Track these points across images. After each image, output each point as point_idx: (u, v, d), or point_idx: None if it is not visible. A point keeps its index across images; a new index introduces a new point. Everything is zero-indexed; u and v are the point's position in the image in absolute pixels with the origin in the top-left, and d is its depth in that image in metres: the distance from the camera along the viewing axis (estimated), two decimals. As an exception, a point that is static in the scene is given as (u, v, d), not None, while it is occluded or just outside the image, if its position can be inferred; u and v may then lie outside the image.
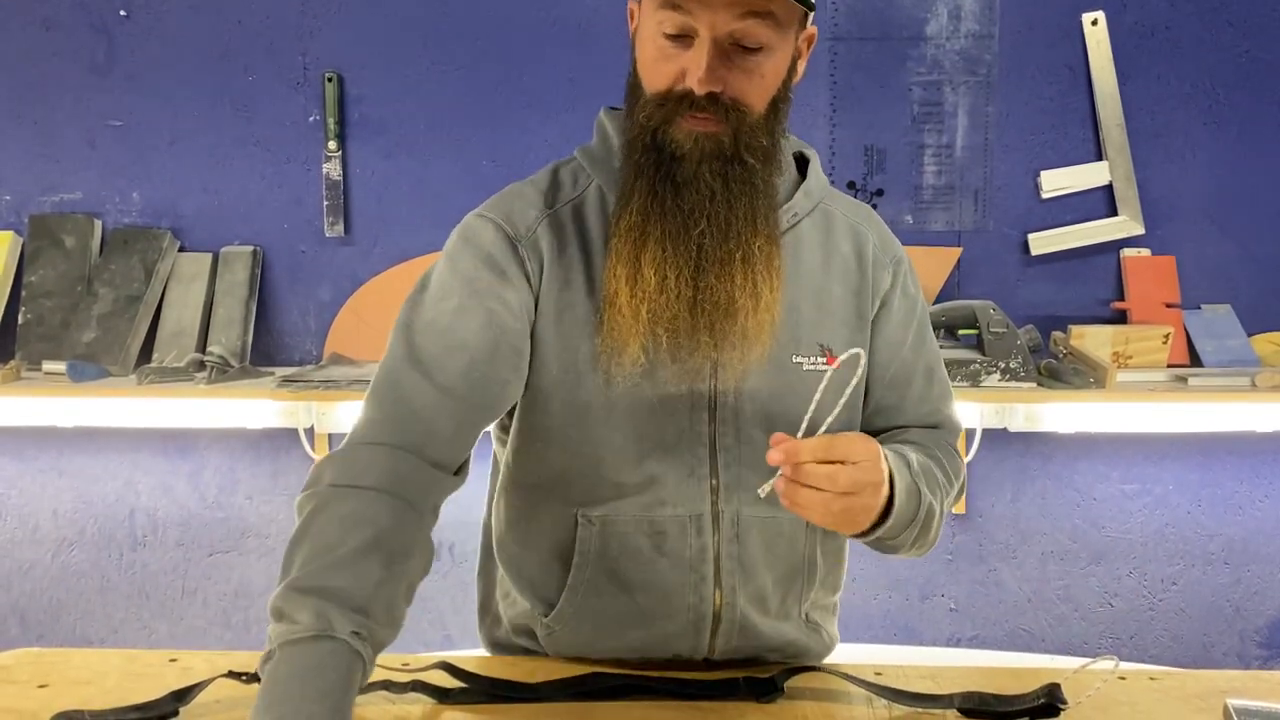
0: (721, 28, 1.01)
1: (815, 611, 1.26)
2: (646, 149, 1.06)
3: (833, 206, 1.22)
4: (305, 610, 0.91)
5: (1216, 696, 1.09)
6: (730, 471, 1.14)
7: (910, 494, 1.07)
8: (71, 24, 2.53)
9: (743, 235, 1.06)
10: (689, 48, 1.02)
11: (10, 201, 2.59)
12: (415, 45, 2.50)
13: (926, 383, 1.26)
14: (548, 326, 1.12)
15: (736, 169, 1.06)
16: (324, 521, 0.98)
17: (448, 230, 1.19)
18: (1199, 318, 2.45)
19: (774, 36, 1.03)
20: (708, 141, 1.04)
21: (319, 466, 1.03)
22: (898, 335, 1.23)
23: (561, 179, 1.18)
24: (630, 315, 1.06)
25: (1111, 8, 2.43)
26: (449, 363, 1.07)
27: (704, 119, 1.04)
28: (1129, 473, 2.51)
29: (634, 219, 1.06)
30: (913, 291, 1.25)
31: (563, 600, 1.18)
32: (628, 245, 1.06)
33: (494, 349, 1.09)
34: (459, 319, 1.09)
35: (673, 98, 1.04)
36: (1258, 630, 2.54)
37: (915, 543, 1.13)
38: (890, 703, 1.07)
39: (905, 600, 2.56)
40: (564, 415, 1.14)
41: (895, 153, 2.49)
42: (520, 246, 1.12)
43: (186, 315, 2.50)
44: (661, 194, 1.05)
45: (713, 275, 1.06)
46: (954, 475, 1.21)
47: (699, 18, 1.00)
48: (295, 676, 0.88)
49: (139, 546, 2.62)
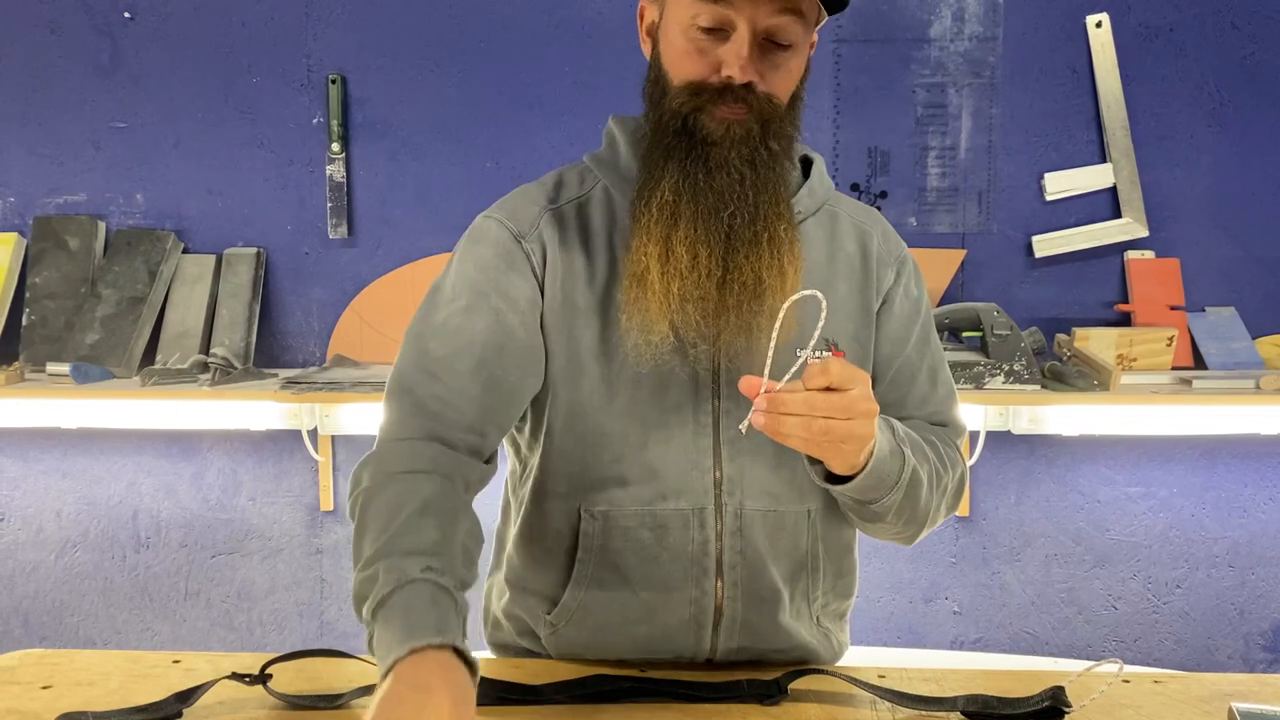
0: (761, 22, 1.04)
1: (827, 616, 1.26)
2: (678, 133, 1.08)
3: (838, 208, 1.24)
4: (380, 576, 0.94)
5: (1221, 700, 1.09)
6: (734, 464, 1.15)
7: (893, 453, 1.07)
8: (76, 26, 2.54)
9: (769, 218, 1.09)
10: (723, 41, 1.06)
11: (14, 203, 2.60)
12: (419, 47, 2.51)
13: (930, 383, 1.26)
14: (553, 317, 1.15)
15: (764, 155, 1.09)
16: (374, 510, 1.02)
17: (451, 232, 1.23)
18: (1203, 320, 2.45)
19: (801, 34, 1.08)
20: (738, 128, 1.07)
21: (357, 471, 1.08)
22: (900, 333, 1.23)
23: (567, 179, 1.21)
24: (661, 292, 1.07)
25: (1115, 10, 2.43)
26: (458, 363, 1.11)
27: (737, 109, 1.07)
28: (1133, 475, 2.50)
29: (666, 197, 1.08)
30: (916, 293, 1.25)
31: (566, 595, 1.19)
32: (660, 224, 1.08)
33: (501, 347, 1.12)
34: (467, 320, 1.12)
35: (709, 88, 1.07)
36: (1262, 634, 2.53)
37: (901, 514, 1.12)
38: (894, 705, 1.07)
39: (909, 603, 2.56)
40: (567, 405, 1.16)
41: (899, 155, 2.49)
42: (524, 241, 1.15)
43: (190, 317, 2.50)
44: (694, 174, 1.08)
45: (742, 255, 1.08)
46: (949, 463, 1.20)
47: (740, 10, 1.04)
48: (392, 622, 0.89)
49: (142, 548, 2.62)
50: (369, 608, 0.93)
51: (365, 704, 1.07)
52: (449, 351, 1.11)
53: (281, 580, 2.61)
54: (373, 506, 1.02)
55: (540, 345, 1.15)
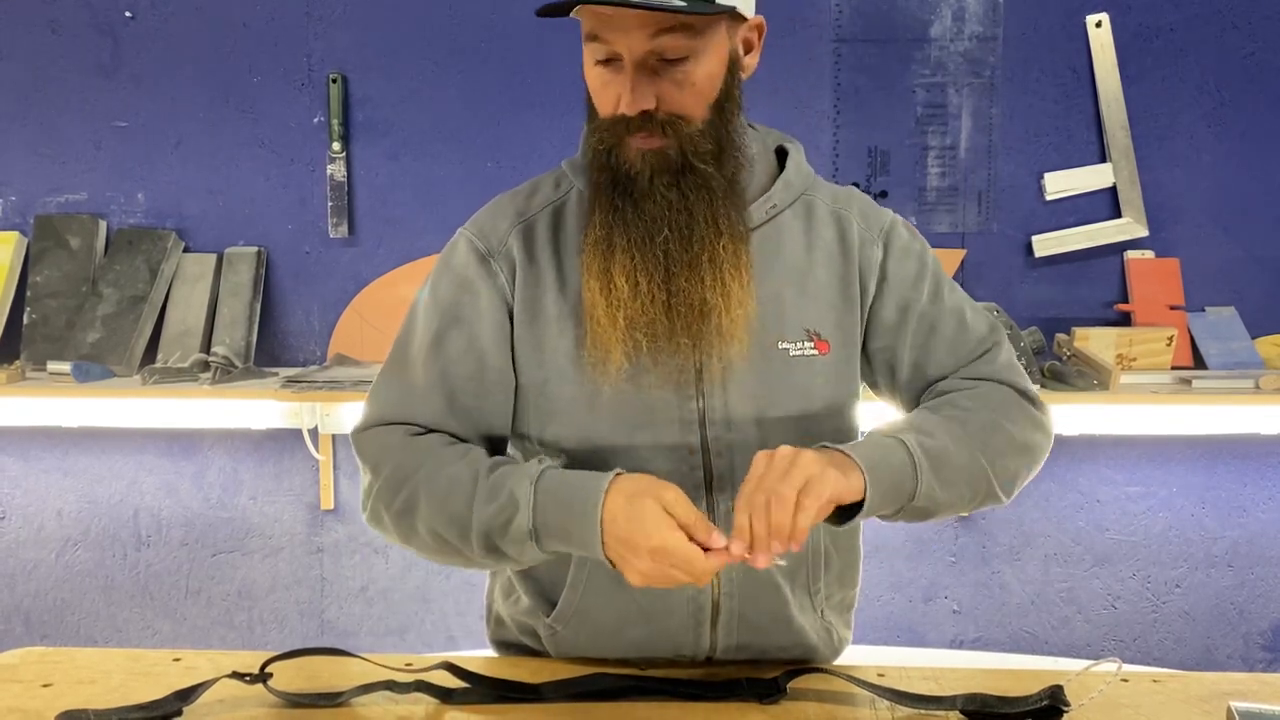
0: (639, 48, 1.04)
1: (831, 609, 1.26)
2: (603, 168, 1.11)
3: (815, 196, 1.22)
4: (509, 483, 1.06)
5: (1220, 699, 1.09)
6: (723, 459, 1.15)
7: (887, 447, 1.06)
8: (77, 26, 2.54)
9: (706, 238, 1.09)
10: (620, 71, 1.06)
11: (16, 202, 2.60)
12: (419, 47, 2.51)
13: (958, 325, 1.21)
14: (524, 329, 1.16)
15: (689, 177, 1.09)
16: (430, 468, 1.12)
17: (451, 231, 1.24)
18: (1203, 320, 2.45)
19: (697, 43, 1.06)
20: (654, 157, 1.08)
21: (374, 471, 1.15)
22: (907, 293, 1.20)
23: (543, 185, 1.23)
24: (609, 324, 1.09)
25: (1116, 10, 2.43)
26: (433, 398, 1.17)
27: (646, 137, 1.07)
28: (1133, 475, 2.51)
29: (599, 233, 1.10)
30: (917, 248, 1.22)
31: (563, 599, 1.19)
32: (597, 258, 1.10)
33: (471, 377, 1.17)
34: (437, 350, 1.17)
35: (619, 121, 1.08)
36: (1261, 633, 2.54)
37: (952, 488, 1.08)
38: (893, 704, 1.07)
39: (908, 602, 2.56)
40: (549, 413, 1.17)
41: (899, 155, 2.49)
42: (493, 260, 1.17)
43: (191, 316, 2.50)
44: (622, 207, 1.09)
45: (683, 279, 1.09)
46: (986, 403, 1.15)
47: (617, 42, 1.04)
48: (564, 492, 1.05)
49: (143, 546, 2.62)
50: (527, 512, 1.03)
51: (365, 702, 1.07)
52: (426, 384, 1.17)
53: (282, 579, 2.61)
54: (423, 470, 1.11)
55: (510, 367, 1.17)
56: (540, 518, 1.03)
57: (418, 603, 2.60)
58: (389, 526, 1.13)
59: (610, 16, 1.03)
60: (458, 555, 1.10)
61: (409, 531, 1.11)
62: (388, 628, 2.61)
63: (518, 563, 1.09)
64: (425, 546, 1.12)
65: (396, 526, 1.12)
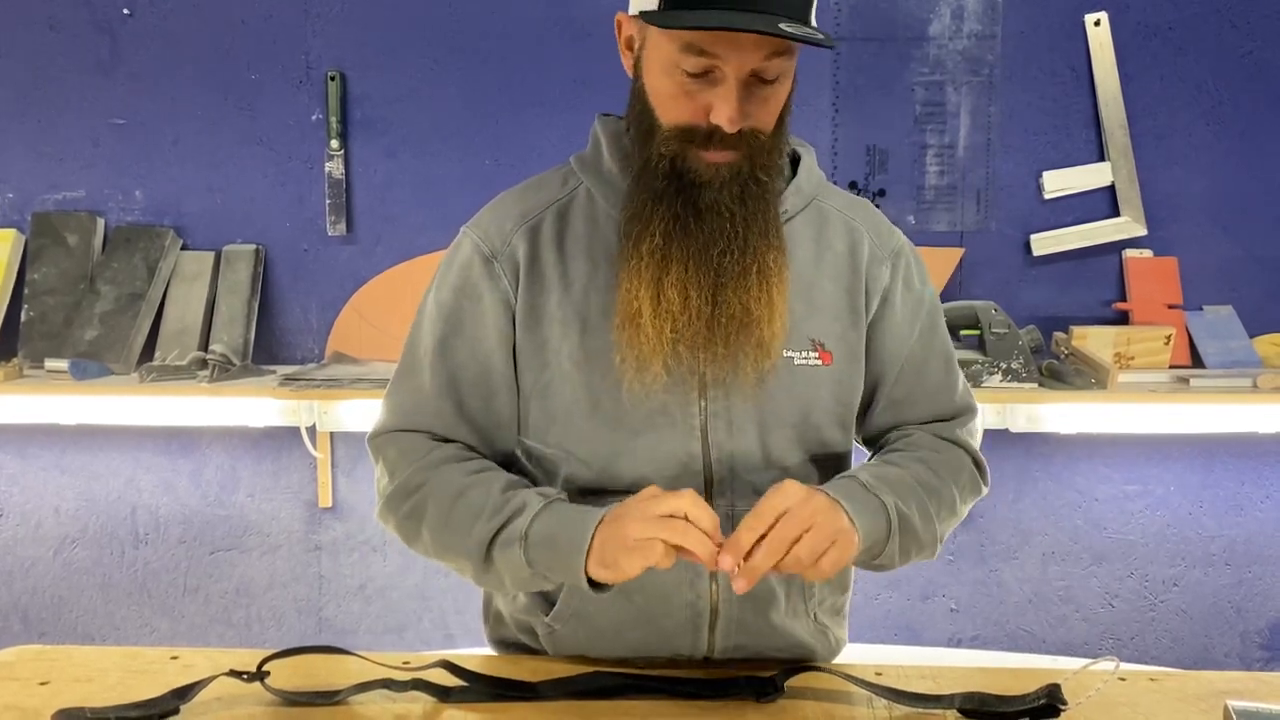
0: (747, 67, 1.03)
1: (824, 613, 1.26)
2: (666, 176, 1.08)
3: (827, 203, 1.22)
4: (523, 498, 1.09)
5: (1217, 698, 1.09)
6: (723, 465, 1.15)
7: (873, 511, 1.08)
8: (75, 23, 2.54)
9: (758, 250, 1.10)
10: (711, 84, 1.04)
11: (13, 199, 2.59)
12: (418, 44, 2.50)
13: (945, 371, 1.25)
14: (526, 332, 1.16)
15: (753, 188, 1.09)
16: (438, 483, 1.14)
17: (450, 229, 1.23)
18: (1201, 319, 2.45)
19: (789, 65, 1.07)
20: (726, 169, 1.07)
21: (390, 475, 1.18)
22: (904, 328, 1.22)
23: (549, 181, 1.22)
24: (654, 333, 1.09)
25: (1114, 8, 2.43)
26: (443, 405, 1.18)
27: (720, 150, 1.06)
28: (1130, 474, 2.51)
29: (656, 241, 1.09)
30: (918, 285, 1.24)
31: (561, 600, 1.19)
32: (650, 267, 1.09)
33: (480, 376, 1.18)
34: (443, 355, 1.18)
35: (699, 133, 1.06)
36: (1259, 632, 2.54)
37: (907, 553, 1.14)
38: (890, 703, 1.07)
39: (906, 600, 2.56)
40: (551, 415, 1.17)
41: (897, 153, 2.49)
42: (496, 262, 1.17)
43: (189, 313, 2.50)
44: (684, 218, 1.08)
45: (730, 289, 1.09)
46: (946, 470, 1.20)
47: (727, 60, 1.02)
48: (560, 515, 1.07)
49: (141, 544, 2.62)
50: (526, 518, 1.07)
51: (362, 700, 1.07)
52: (433, 393, 1.18)
53: (280, 576, 2.61)
54: (433, 482, 1.14)
55: (513, 371, 1.18)
56: (536, 526, 1.07)
57: (416, 601, 2.60)
58: (395, 528, 1.18)
59: (726, 33, 1.01)
60: (456, 561, 1.14)
61: (413, 535, 1.16)
62: (386, 626, 2.61)
63: (505, 575, 1.10)
64: (428, 552, 1.17)
65: (401, 530, 1.17)
